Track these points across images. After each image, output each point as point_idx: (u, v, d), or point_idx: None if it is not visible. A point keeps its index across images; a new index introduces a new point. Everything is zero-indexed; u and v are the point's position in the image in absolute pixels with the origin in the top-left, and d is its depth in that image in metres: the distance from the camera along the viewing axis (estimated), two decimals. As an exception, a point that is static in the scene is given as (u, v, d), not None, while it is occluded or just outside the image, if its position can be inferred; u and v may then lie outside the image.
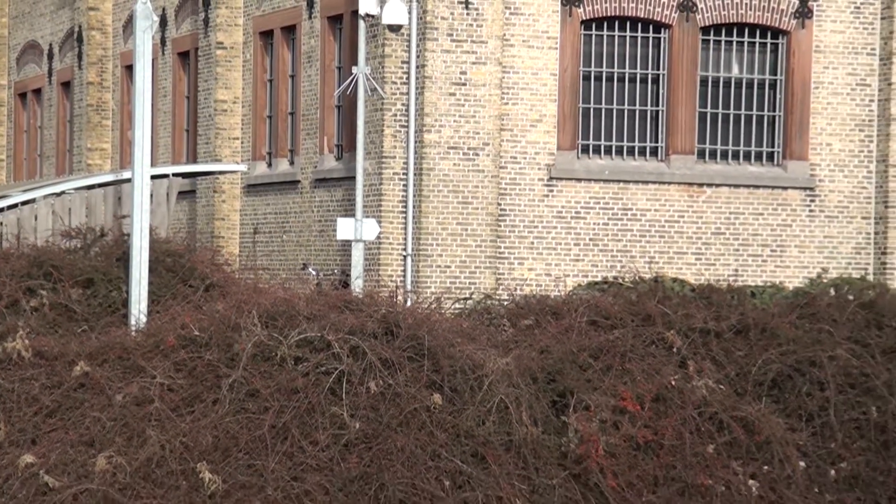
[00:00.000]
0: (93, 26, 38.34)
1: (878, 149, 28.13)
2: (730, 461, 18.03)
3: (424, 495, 17.07)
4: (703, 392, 18.29)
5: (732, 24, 27.98)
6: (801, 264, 27.53)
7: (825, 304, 20.05)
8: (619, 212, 27.55)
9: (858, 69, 28.11)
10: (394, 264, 27.02)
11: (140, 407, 17.02)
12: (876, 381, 18.82)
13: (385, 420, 17.29)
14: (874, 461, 18.69)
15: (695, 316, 19.23)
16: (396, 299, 20.08)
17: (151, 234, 20.21)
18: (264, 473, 16.79)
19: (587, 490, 17.58)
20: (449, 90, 27.00)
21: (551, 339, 18.78)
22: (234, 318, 17.73)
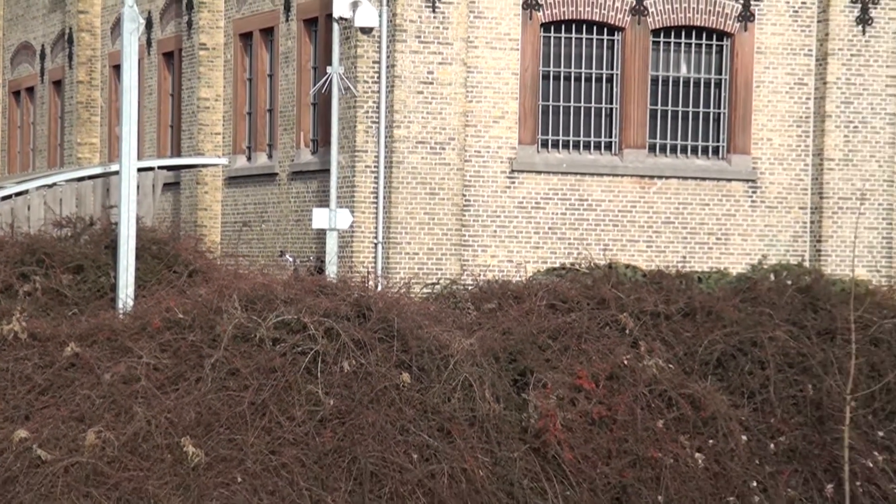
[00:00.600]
0: (82, 28, 38.23)
1: (814, 143, 28.20)
2: (678, 435, 18.08)
3: (394, 467, 17.09)
4: (654, 371, 18.35)
5: (681, 27, 28.04)
6: (743, 251, 27.62)
7: (766, 288, 20.14)
8: (575, 202, 27.60)
9: (796, 69, 28.18)
10: (365, 251, 27.03)
11: (127, 385, 17.01)
12: (812, 360, 18.90)
13: (357, 397, 17.31)
14: (810, 435, 18.78)
15: (646, 300, 19.29)
16: (368, 284, 20.09)
17: (138, 223, 20.19)
18: (244, 447, 16.79)
19: (545, 462, 17.62)
20: (417, 89, 27.01)
21: (512, 321, 18.81)
22: (215, 302, 17.74)
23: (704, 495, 17.91)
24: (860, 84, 27.93)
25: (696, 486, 17.85)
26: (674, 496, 17.74)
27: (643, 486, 17.70)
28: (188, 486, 16.50)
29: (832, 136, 27.85)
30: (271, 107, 31.09)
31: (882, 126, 28.02)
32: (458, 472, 17.13)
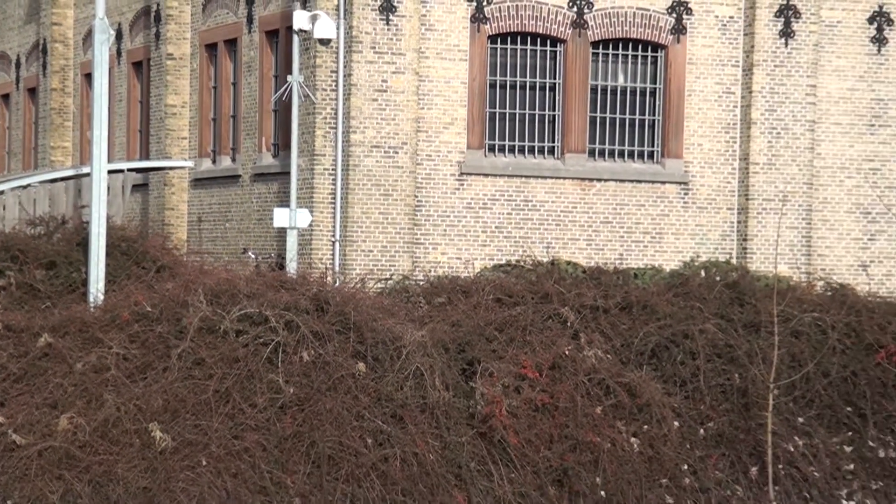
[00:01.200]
0: (56, 39, 38.04)
1: (741, 149, 28.29)
2: (615, 421, 18.10)
3: (350, 451, 17.04)
4: (593, 361, 18.36)
5: (618, 39, 28.08)
6: (676, 249, 27.68)
7: (696, 284, 20.20)
8: (520, 203, 27.61)
9: (724, 79, 28.26)
10: (324, 249, 26.97)
11: (98, 374, 16.91)
12: (738, 351, 18.97)
13: (315, 385, 17.26)
14: (737, 421, 18.85)
15: (586, 294, 19.32)
16: (326, 280, 20.04)
17: (108, 222, 20.11)
18: (209, 432, 16.72)
19: (492, 446, 17.61)
20: (372, 96, 26.97)
21: (461, 314, 18.81)
22: (182, 296, 17.67)
23: (639, 477, 17.93)
24: (783, 93, 28.01)
25: (632, 468, 17.87)
26: (611, 478, 17.76)
27: (583, 469, 17.71)
28: (156, 469, 16.42)
29: (757, 142, 27.94)
30: (235, 113, 30.99)
31: (802, 132, 28.12)
32: (409, 456, 17.10)
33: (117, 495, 16.16)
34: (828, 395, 19.27)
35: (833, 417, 19.29)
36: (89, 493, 16.18)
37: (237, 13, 30.51)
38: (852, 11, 28.24)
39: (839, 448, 19.11)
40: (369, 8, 26.80)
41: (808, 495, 18.70)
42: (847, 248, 28.07)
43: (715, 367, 18.81)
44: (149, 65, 33.58)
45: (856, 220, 28.25)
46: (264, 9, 29.56)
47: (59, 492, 16.05)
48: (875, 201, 27.95)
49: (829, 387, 19.28)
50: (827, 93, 28.13)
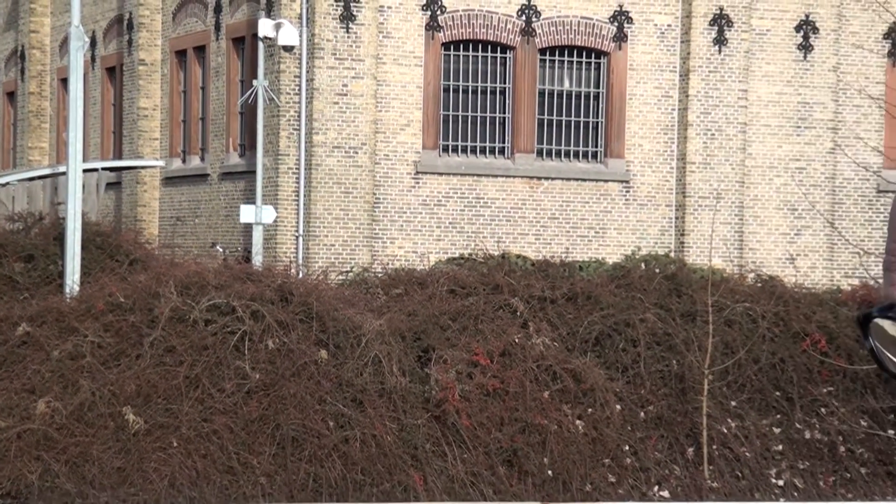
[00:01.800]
0: (34, 46, 37.85)
1: (678, 149, 28.36)
2: (561, 405, 18.13)
3: (312, 433, 17.02)
4: (541, 348, 18.38)
5: (564, 47, 28.12)
6: (618, 244, 27.73)
7: (637, 276, 20.24)
8: (473, 200, 27.61)
9: (663, 83, 28.33)
10: (288, 243, 26.91)
11: (74, 361, 16.85)
12: (676, 339, 19.02)
13: (280, 371, 17.23)
14: (674, 405, 18.90)
15: (534, 286, 19.33)
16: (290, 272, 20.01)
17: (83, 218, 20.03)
18: (179, 415, 16.68)
19: (446, 428, 17.61)
20: (333, 100, 26.92)
21: (417, 304, 18.81)
22: (153, 287, 17.61)
23: (584, 457, 17.95)
24: (716, 97, 28.09)
25: (577, 449, 17.90)
26: (557, 458, 17.77)
27: (531, 450, 17.73)
28: (129, 450, 16.36)
29: (693, 143, 28.01)
30: (203, 115, 30.90)
31: (735, 134, 28.21)
32: (368, 438, 17.08)
33: (93, 475, 16.09)
34: (758, 381, 19.34)
35: (763, 401, 19.36)
36: (66, 472, 16.11)
37: (205, 21, 30.42)
38: (780, 20, 28.34)
39: (769, 430, 19.17)
40: (330, 17, 26.75)
41: (740, 474, 18.75)
42: (776, 242, 28.17)
43: (654, 354, 18.85)
44: (122, 70, 33.44)
45: (784, 216, 28.35)
46: (231, 17, 29.47)
47: (37, 471, 15.98)
48: (801, 199, 28.06)
49: (759, 372, 19.34)
50: (757, 97, 28.22)
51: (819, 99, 28.42)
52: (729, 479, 18.62)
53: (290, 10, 26.78)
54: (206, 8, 30.36)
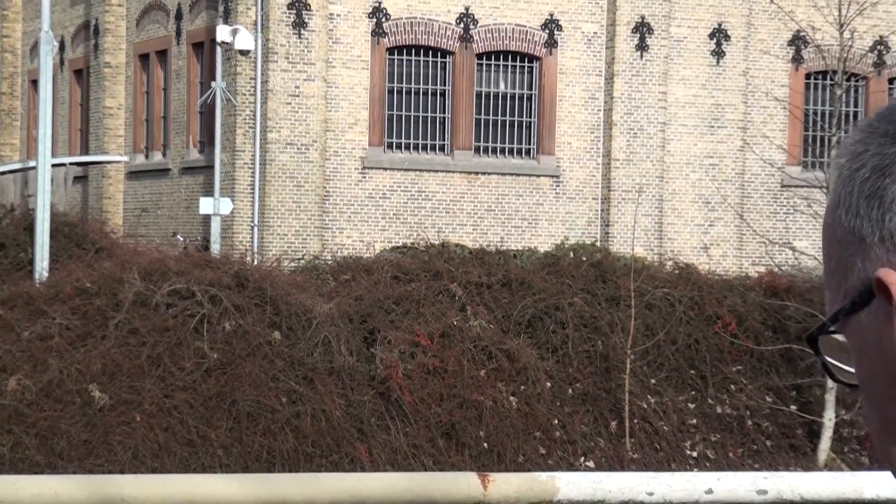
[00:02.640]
0: (5, 49, 37.50)
1: (604, 147, 28.38)
2: (496, 382, 18.08)
3: (266, 409, 16.89)
4: (478, 330, 18.32)
5: (500, 52, 28.06)
6: (549, 234, 27.71)
7: (566, 263, 20.22)
8: (415, 193, 27.51)
9: (590, 86, 28.33)
10: (244, 233, 26.72)
11: (43, 341, 16.65)
12: (601, 321, 19.01)
13: (236, 351, 17.09)
14: (599, 382, 18.90)
15: (472, 272, 19.27)
16: (246, 260, 19.85)
17: (52, 209, 19.82)
18: (142, 392, 16.51)
19: (389, 404, 17.53)
20: (286, 100, 26.75)
21: (364, 289, 18.70)
22: (118, 273, 17.43)
23: (517, 431, 17.92)
24: (638, 99, 28.12)
25: (510, 423, 17.86)
26: (492, 432, 17.73)
27: (468, 424, 17.67)
28: (95, 425, 16.19)
29: (617, 141, 28.03)
30: (165, 114, 30.65)
31: (655, 133, 28.25)
32: (318, 413, 16.98)
33: (61, 447, 15.92)
34: (675, 360, 19.38)
35: (679, 379, 19.39)
36: (36, 445, 15.93)
37: (167, 27, 30.18)
38: (696, 28, 28.39)
39: (684, 405, 19.21)
40: (283, 23, 26.58)
41: (658, 446, 18.78)
42: (691, 232, 28.24)
43: (581, 336, 18.83)
44: (88, 72, 33.15)
45: (698, 208, 28.42)
46: (191, 24, 29.25)
47: (9, 444, 15.81)
48: (714, 193, 28.14)
49: (676, 352, 19.38)
50: (675, 99, 28.27)
51: (730, 101, 28.51)
52: (648, 450, 18.65)
53: (247, 17, 26.60)
54: (167, 15, 30.13)
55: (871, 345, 1.07)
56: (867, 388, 1.08)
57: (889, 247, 1.04)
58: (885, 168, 1.04)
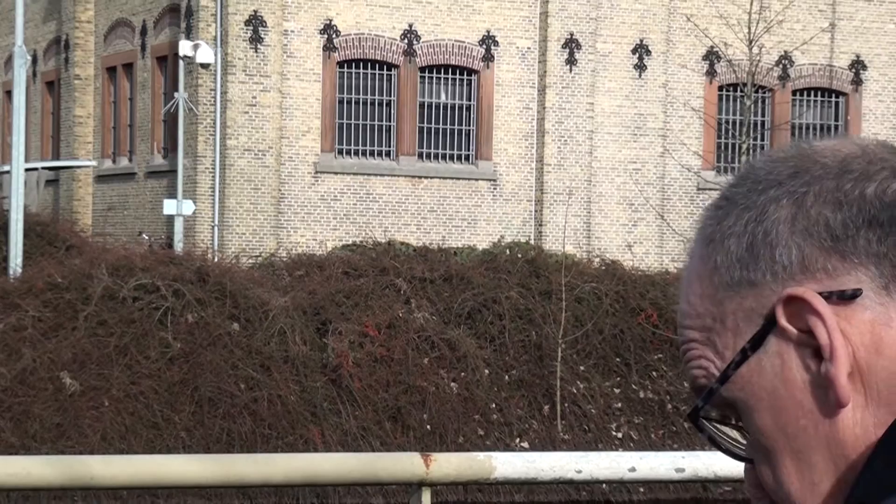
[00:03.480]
0: (-16, 61, 37.13)
1: (537, 153, 28.42)
2: (438, 369, 18.09)
3: (226, 395, 16.83)
4: (421, 321, 18.32)
5: (441, 65, 28.04)
6: (487, 233, 27.74)
7: (503, 260, 20.25)
8: (363, 196, 27.46)
9: (524, 97, 28.37)
10: (205, 232, 26.57)
11: (17, 332, 16.52)
12: (535, 313, 19.05)
13: (198, 341, 17.01)
14: (533, 369, 18.94)
15: (416, 268, 19.27)
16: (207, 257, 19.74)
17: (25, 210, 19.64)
18: (110, 379, 16.41)
19: (340, 390, 17.50)
20: (244, 110, 26.62)
21: (316, 284, 18.66)
22: (87, 269, 17.32)
23: (457, 414, 17.93)
24: (568, 109, 28.19)
25: (451, 407, 17.87)
26: (435, 415, 17.73)
27: (413, 408, 17.66)
28: (66, 409, 16.07)
29: (549, 148, 28.09)
30: (131, 122, 30.44)
31: (583, 140, 28.33)
32: (274, 398, 16.92)
33: (34, 430, 15.80)
34: (602, 348, 19.44)
35: (606, 366, 19.46)
36: (11, 428, 15.80)
37: (133, 42, 29.98)
38: (620, 44, 28.49)
39: (610, 390, 19.28)
40: (241, 39, 26.47)
41: (587, 428, 18.84)
42: (617, 232, 28.34)
43: (517, 326, 18.87)
44: (59, 83, 32.88)
45: (623, 209, 28.53)
46: (155, 39, 29.07)
47: (-15, 429, 15.63)
48: (637, 195, 28.25)
49: (603, 342, 19.44)
50: (601, 109, 28.36)
51: (651, 111, 28.64)
52: (578, 431, 18.70)
53: (207, 33, 26.46)
54: (133, 31, 29.93)
55: (773, 389, 1.00)
56: (772, 440, 1.00)
57: (783, 278, 1.00)
58: (758, 216, 1.02)
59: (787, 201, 1.02)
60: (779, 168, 1.04)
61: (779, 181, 1.03)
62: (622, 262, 21.32)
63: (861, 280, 0.98)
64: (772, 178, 1.04)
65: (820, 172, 1.02)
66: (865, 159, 1.02)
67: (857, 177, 1.01)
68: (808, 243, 1.00)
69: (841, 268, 0.99)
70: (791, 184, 1.02)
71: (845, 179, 1.01)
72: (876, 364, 0.97)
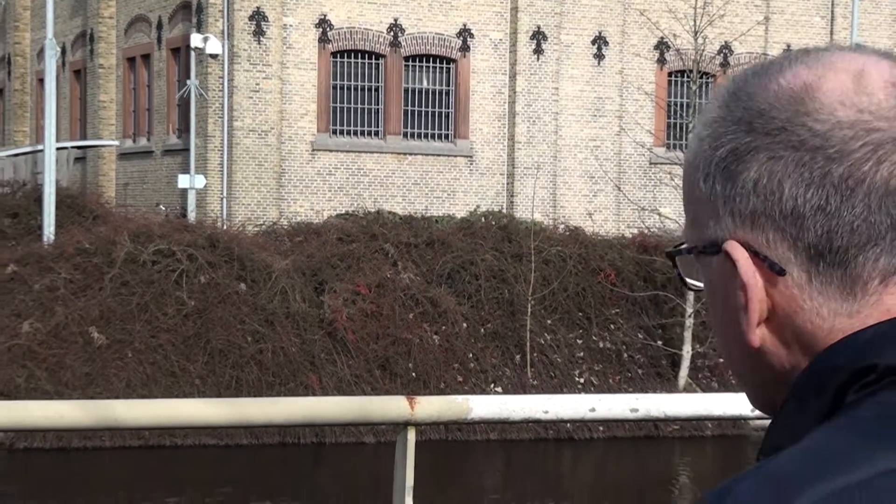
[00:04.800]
0: (17, 54, 36.94)
1: (508, 132, 28.37)
2: (422, 324, 18.13)
3: (235, 346, 16.85)
4: (407, 281, 18.36)
5: (423, 55, 27.94)
6: (465, 203, 27.72)
7: (479, 227, 20.25)
8: (355, 171, 27.41)
9: (497, 83, 28.30)
10: (214, 203, 26.49)
11: (51, 292, 16.51)
12: (507, 274, 19.09)
13: (210, 300, 17.01)
14: (506, 323, 19.01)
15: (402, 234, 19.28)
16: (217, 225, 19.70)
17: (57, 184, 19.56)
18: (133, 333, 16.41)
19: (335, 342, 17.54)
20: (248, 95, 26.50)
21: (314, 248, 18.67)
22: (112, 236, 17.28)
23: (439, 363, 17.99)
24: (536, 93, 28.14)
25: (434, 357, 17.92)
26: (419, 364, 17.79)
27: (399, 357, 17.71)
28: (94, 360, 16.08)
29: (519, 128, 28.06)
30: (149, 107, 30.29)
31: (549, 121, 28.30)
32: (277, 349, 16.95)
33: (66, 378, 15.81)
34: (566, 304, 19.51)
35: (570, 320, 19.53)
36: (46, 376, 15.81)
37: (150, 35, 29.83)
38: (581, 36, 28.42)
39: (574, 341, 19.35)
40: (246, 32, 26.34)
41: (553, 374, 18.93)
42: (579, 202, 28.36)
43: (491, 285, 18.92)
44: (85, 72, 32.70)
45: (584, 182, 28.54)
46: (170, 32, 28.93)
47: (23, 376, 15.67)
48: (597, 169, 28.27)
49: (567, 298, 19.51)
50: (565, 93, 28.32)
51: (609, 95, 28.61)
52: (545, 378, 18.78)
53: (215, 27, 26.33)
54: (150, 26, 29.78)
55: (717, 286, 0.99)
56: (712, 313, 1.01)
57: (737, 222, 0.96)
58: (740, 155, 0.96)
59: (764, 156, 0.95)
60: (776, 111, 0.95)
61: (767, 131, 0.95)
62: (584, 229, 21.37)
63: (791, 261, 0.95)
64: (765, 122, 0.95)
65: (805, 137, 0.94)
66: (853, 130, 0.93)
67: (830, 154, 0.93)
68: (765, 206, 0.95)
69: (780, 244, 0.95)
70: (778, 140, 0.95)
71: (819, 156, 0.93)
72: (790, 324, 0.95)
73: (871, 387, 0.90)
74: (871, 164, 0.92)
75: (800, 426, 0.91)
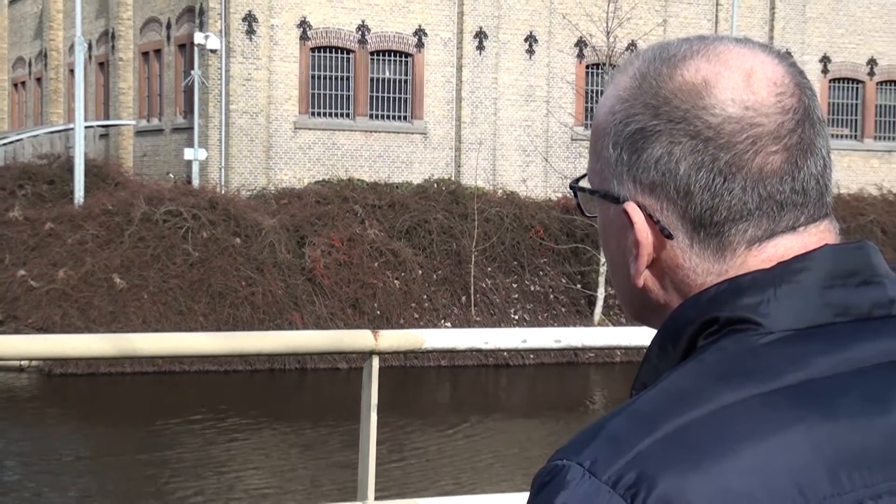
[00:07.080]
0: (52, 49, 36.33)
1: (456, 114, 28.24)
2: (385, 271, 18.12)
3: (231, 290, 16.77)
4: (373, 236, 18.31)
5: (386, 50, 27.71)
6: (420, 172, 27.62)
7: (432, 191, 20.21)
8: (330, 146, 27.22)
9: (446, 74, 28.13)
10: (214, 172, 26.23)
11: (81, 245, 16.34)
12: (455, 230, 19.09)
13: (211, 252, 16.90)
14: (454, 270, 19.03)
15: (368, 197, 19.21)
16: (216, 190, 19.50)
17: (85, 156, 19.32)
18: (148, 279, 16.29)
19: (315, 286, 17.50)
20: (242, 83, 26.21)
21: (296, 209, 18.56)
22: (130, 200, 17.10)
23: (399, 303, 18.01)
24: (479, 82, 28.04)
25: (395, 299, 17.94)
26: (383, 304, 17.80)
27: (367, 299, 17.71)
28: (117, 301, 15.96)
29: (465, 111, 27.98)
30: (161, 92, 29.89)
31: (489, 105, 28.22)
32: (267, 292, 16.90)
33: (94, 316, 15.70)
34: (504, 255, 19.58)
35: (507, 268, 19.60)
36: (77, 314, 15.69)
37: (161, 34, 29.43)
38: (515, 34, 28.32)
39: (510, 285, 19.44)
40: (240, 31, 26.03)
41: (493, 312, 19.01)
42: (514, 171, 28.39)
43: (442, 239, 18.93)
44: (108, 64, 32.21)
45: (519, 155, 28.55)
46: (177, 31, 28.53)
47: (59, 315, 15.56)
48: (528, 144, 28.28)
49: (504, 250, 19.57)
50: (503, 82, 28.24)
51: (538, 84, 28.58)
52: (486, 315, 18.87)
53: (215, 27, 25.99)
54: (161, 26, 29.36)
55: (612, 229, 0.97)
56: (604, 247, 0.99)
57: (638, 189, 0.95)
58: (647, 136, 0.94)
59: (666, 139, 0.93)
60: (678, 101, 0.93)
61: (671, 118, 0.93)
62: (518, 193, 21.41)
63: (678, 228, 0.94)
64: (669, 110, 0.93)
65: (701, 128, 0.92)
66: (740, 124, 0.91)
67: (720, 144, 0.92)
68: (662, 180, 0.93)
69: (671, 213, 0.93)
70: (679, 127, 0.93)
71: (711, 146, 0.92)
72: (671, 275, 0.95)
73: (714, 335, 0.90)
74: (749, 153, 0.92)
75: (661, 368, 0.92)
